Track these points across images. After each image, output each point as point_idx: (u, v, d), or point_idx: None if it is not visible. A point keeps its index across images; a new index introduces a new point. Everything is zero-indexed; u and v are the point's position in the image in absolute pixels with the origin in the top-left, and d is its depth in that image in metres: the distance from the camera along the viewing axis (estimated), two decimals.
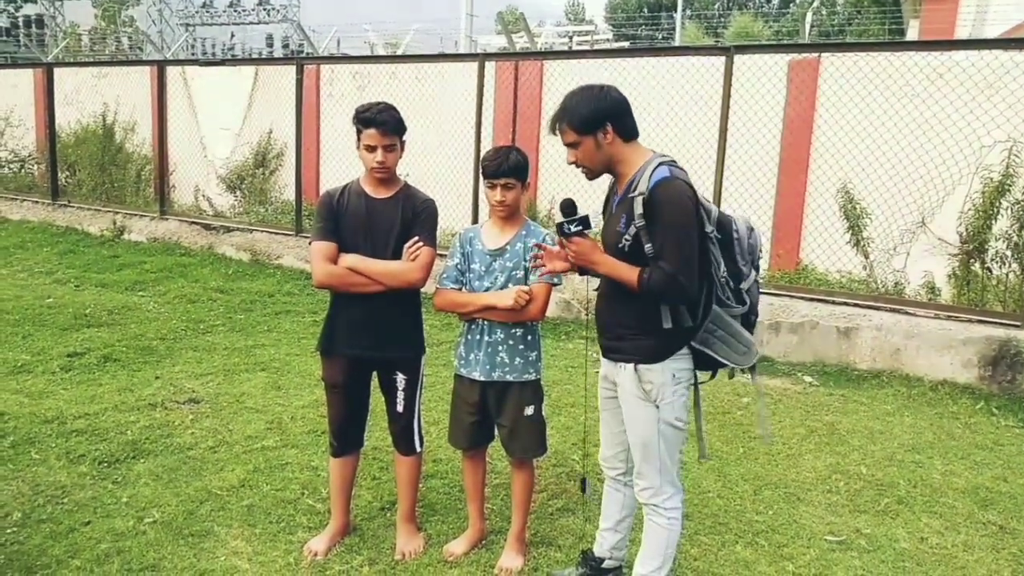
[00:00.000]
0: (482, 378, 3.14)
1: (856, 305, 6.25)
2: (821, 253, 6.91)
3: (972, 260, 6.10)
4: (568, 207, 2.71)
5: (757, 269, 2.73)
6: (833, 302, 6.33)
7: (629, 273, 2.58)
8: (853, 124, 6.88)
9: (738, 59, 6.63)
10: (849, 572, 3.27)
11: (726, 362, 2.67)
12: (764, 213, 7.22)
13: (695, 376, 2.76)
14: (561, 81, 8.14)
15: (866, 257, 6.64)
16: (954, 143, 6.33)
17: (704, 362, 2.72)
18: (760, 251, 2.73)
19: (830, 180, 6.92)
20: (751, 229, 2.69)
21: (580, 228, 2.66)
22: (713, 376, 2.82)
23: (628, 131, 2.65)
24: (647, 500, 2.77)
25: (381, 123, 3.03)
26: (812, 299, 6.43)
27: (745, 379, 5.60)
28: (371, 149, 3.05)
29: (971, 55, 6.24)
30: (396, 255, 3.11)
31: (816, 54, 7.15)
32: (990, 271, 6.06)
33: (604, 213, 2.86)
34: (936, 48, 6.40)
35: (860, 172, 6.74)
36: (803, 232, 7.21)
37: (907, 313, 6.04)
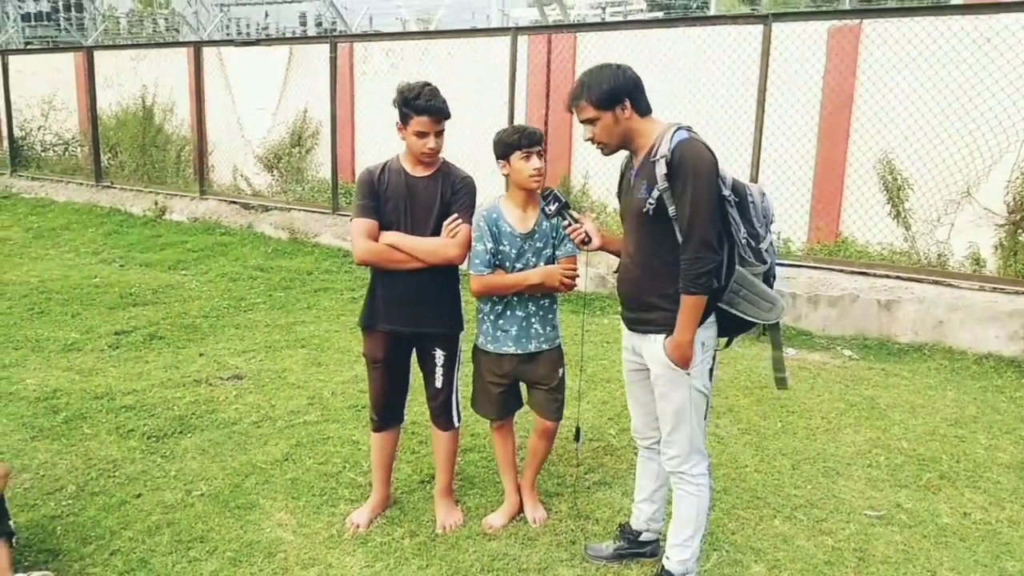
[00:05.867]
0: (518, 351, 3.19)
1: (897, 278, 6.14)
2: (862, 225, 6.77)
3: (1019, 230, 5.95)
4: (547, 194, 2.93)
5: (771, 232, 2.78)
6: (874, 275, 6.23)
7: (692, 304, 2.58)
8: (896, 92, 6.70)
9: (776, 27, 6.49)
10: (889, 547, 3.25)
11: (753, 319, 2.71)
12: (803, 185, 7.09)
13: (717, 343, 2.80)
14: (595, 53, 8.04)
15: (908, 229, 6.50)
16: (1001, 109, 6.13)
17: (726, 327, 2.76)
18: (773, 215, 2.78)
19: (871, 150, 6.77)
20: (763, 194, 2.74)
21: (557, 206, 2.89)
22: (728, 344, 2.89)
23: (644, 106, 2.69)
24: (675, 468, 2.81)
25: (436, 111, 3.03)
26: (852, 272, 6.34)
27: (786, 354, 5.55)
28: (422, 135, 3.05)
29: (1021, 18, 6.01)
30: (436, 232, 3.14)
31: (857, 20, 6.96)
32: None
33: (620, 192, 2.88)
34: (983, 11, 6.18)
35: (903, 141, 6.57)
36: (843, 204, 7.07)
37: (950, 285, 5.92)
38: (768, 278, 2.76)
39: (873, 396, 4.87)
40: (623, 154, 2.84)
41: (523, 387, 3.39)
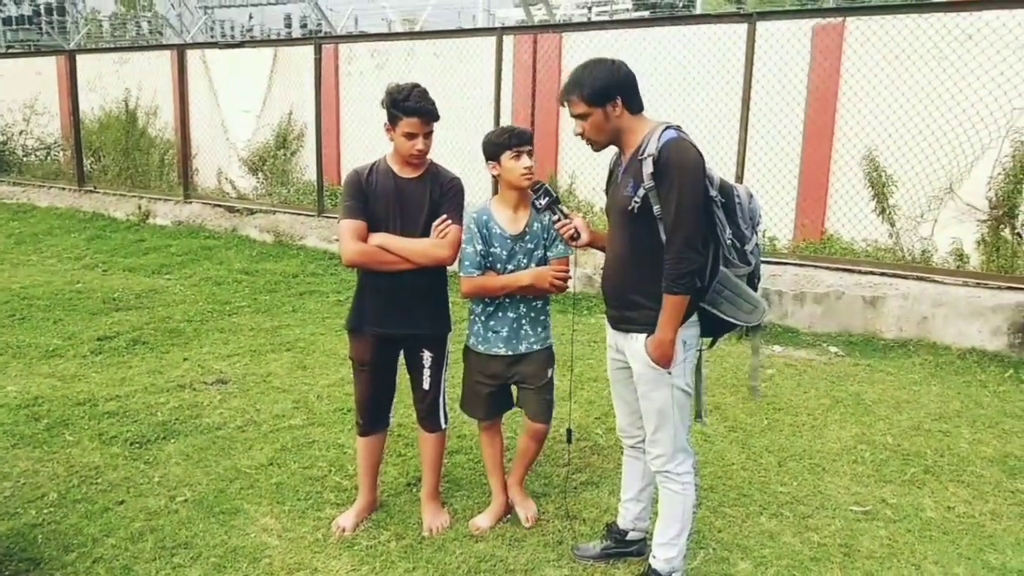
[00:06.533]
0: (509, 352, 3.18)
1: (882, 274, 6.17)
2: (847, 222, 6.81)
3: (1002, 226, 5.99)
4: (537, 188, 2.95)
5: (757, 234, 2.77)
6: (859, 271, 6.26)
7: (674, 304, 2.58)
8: (879, 89, 6.73)
9: (760, 25, 6.51)
10: (875, 542, 3.26)
11: (734, 321, 2.71)
12: (788, 183, 7.12)
13: (699, 342, 2.79)
14: (581, 53, 8.04)
15: (892, 225, 6.54)
16: (983, 106, 6.17)
17: (709, 327, 2.76)
18: (760, 217, 2.77)
19: (856, 148, 6.80)
20: (750, 195, 2.73)
21: (548, 200, 2.91)
22: (712, 344, 2.88)
23: (636, 104, 2.69)
24: (660, 467, 2.80)
25: (425, 112, 3.01)
26: (837, 269, 6.36)
27: (769, 351, 5.58)
28: (411, 137, 3.03)
29: (1002, 15, 6.06)
30: (425, 234, 3.12)
31: (841, 18, 6.99)
32: (1020, 236, 5.95)
33: (608, 188, 2.88)
34: (965, 8, 6.22)
35: (887, 139, 6.61)
36: (828, 201, 7.10)
37: (934, 281, 5.95)
38: (752, 280, 2.76)
39: (858, 392, 4.88)
40: (612, 151, 2.83)
41: (514, 389, 3.37)
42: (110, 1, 29.54)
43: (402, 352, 3.31)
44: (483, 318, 3.21)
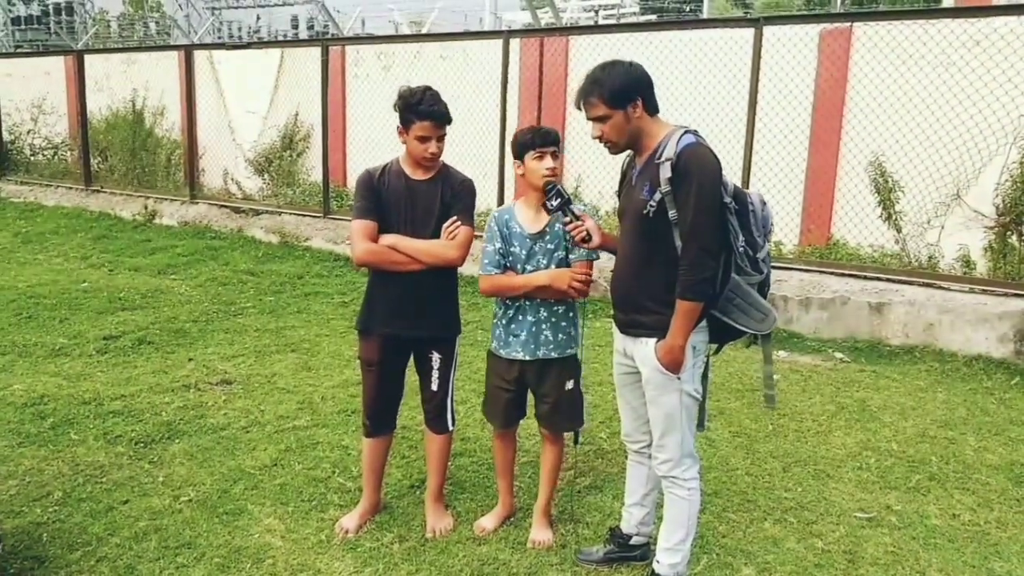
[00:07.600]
0: (526, 357, 3.14)
1: (888, 280, 6.16)
2: (853, 228, 6.79)
3: (1009, 232, 5.97)
4: (549, 189, 2.93)
5: (768, 241, 2.76)
6: (865, 277, 6.24)
7: (688, 310, 2.57)
8: (887, 95, 6.73)
9: (767, 30, 6.50)
10: (879, 549, 3.25)
11: (745, 329, 2.70)
12: (794, 188, 7.11)
13: (708, 348, 2.78)
14: (587, 57, 8.06)
15: (899, 231, 6.52)
16: (991, 112, 6.16)
17: (717, 334, 2.75)
18: (772, 225, 2.75)
19: (862, 153, 6.79)
20: (763, 203, 2.72)
21: (559, 201, 2.89)
22: (718, 351, 2.86)
23: (654, 106, 2.68)
24: (666, 473, 2.80)
25: (438, 115, 3.02)
26: (843, 274, 6.35)
27: (777, 356, 5.56)
28: (424, 140, 3.04)
29: (1010, 21, 6.05)
30: (436, 235, 3.12)
31: (848, 23, 6.98)
32: None
33: (620, 190, 2.87)
34: (973, 15, 6.22)
35: (894, 144, 6.60)
36: (834, 207, 7.09)
37: (941, 287, 5.93)
38: (763, 288, 2.74)
39: (864, 398, 4.87)
40: (621, 155, 2.82)
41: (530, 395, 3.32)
42: (118, 2, 29.66)
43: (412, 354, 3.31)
44: (504, 321, 3.18)
